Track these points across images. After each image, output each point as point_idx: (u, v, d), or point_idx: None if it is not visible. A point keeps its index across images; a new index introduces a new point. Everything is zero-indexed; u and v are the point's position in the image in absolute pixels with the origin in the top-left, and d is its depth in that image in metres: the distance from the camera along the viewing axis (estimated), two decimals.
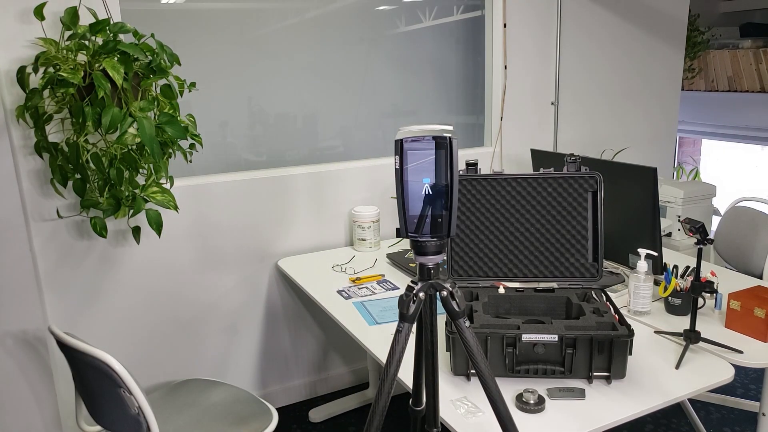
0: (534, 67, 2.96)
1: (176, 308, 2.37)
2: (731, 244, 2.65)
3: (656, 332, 1.67)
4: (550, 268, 1.64)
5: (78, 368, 1.57)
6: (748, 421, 2.47)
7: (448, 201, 1.00)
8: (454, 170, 0.99)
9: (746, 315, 1.62)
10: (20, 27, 1.90)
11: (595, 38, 3.11)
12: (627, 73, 3.27)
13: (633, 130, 3.37)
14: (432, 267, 1.05)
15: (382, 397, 1.04)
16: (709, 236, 1.53)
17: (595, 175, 1.61)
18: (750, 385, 2.72)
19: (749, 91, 4.00)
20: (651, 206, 1.86)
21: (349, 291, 2.06)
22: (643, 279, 1.73)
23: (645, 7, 3.23)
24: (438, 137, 0.98)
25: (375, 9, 2.62)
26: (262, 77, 2.44)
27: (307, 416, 2.58)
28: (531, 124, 3.02)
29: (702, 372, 1.47)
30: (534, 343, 1.41)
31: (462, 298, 1.08)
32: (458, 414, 1.33)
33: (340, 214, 2.61)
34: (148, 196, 1.86)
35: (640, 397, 1.37)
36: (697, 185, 2.96)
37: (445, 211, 1.01)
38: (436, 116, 2.85)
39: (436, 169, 0.99)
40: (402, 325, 1.04)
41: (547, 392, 1.38)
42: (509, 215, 1.66)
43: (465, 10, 2.81)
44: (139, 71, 1.73)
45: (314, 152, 2.61)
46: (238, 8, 2.34)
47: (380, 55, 2.66)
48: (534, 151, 2.31)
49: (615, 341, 1.39)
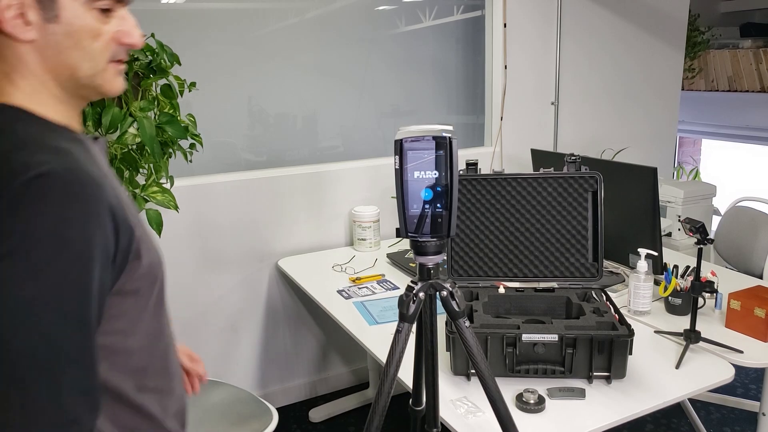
0: (534, 67, 2.96)
1: (176, 308, 2.37)
2: (731, 243, 2.65)
3: (656, 332, 1.67)
4: (550, 267, 1.64)
5: None
6: (749, 421, 2.46)
7: (448, 201, 1.00)
8: (454, 170, 0.99)
9: (746, 315, 1.62)
10: None
11: (595, 38, 3.11)
12: (627, 73, 3.27)
13: (633, 129, 3.37)
14: (432, 267, 1.05)
15: (382, 397, 1.04)
16: (710, 236, 1.53)
17: (595, 175, 1.61)
18: (750, 385, 2.72)
19: (749, 91, 4.00)
20: (651, 206, 1.86)
21: (349, 291, 2.06)
22: (644, 279, 1.73)
23: (645, 6, 3.23)
24: (438, 137, 0.98)
25: (375, 9, 2.62)
26: (262, 77, 2.44)
27: (307, 416, 2.58)
28: (531, 124, 3.02)
29: (702, 372, 1.47)
30: (534, 342, 1.41)
31: (462, 298, 1.08)
32: (458, 414, 1.33)
33: (340, 214, 2.61)
34: (148, 196, 1.86)
35: (640, 397, 1.37)
36: (697, 185, 2.96)
37: (445, 211, 1.00)
38: (436, 116, 2.85)
39: (436, 169, 0.99)
40: (402, 325, 1.04)
41: (547, 392, 1.38)
42: (509, 215, 1.66)
43: (465, 10, 2.81)
44: (139, 71, 1.73)
45: (314, 152, 2.61)
46: (238, 8, 2.34)
47: (380, 55, 2.66)
48: (534, 151, 2.31)
49: (615, 341, 1.39)
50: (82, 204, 0.67)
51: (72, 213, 0.66)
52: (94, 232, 0.68)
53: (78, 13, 0.73)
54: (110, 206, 0.70)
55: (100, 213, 0.69)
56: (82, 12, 0.74)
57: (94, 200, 0.68)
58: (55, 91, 0.77)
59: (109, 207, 0.70)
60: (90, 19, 0.75)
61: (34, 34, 0.72)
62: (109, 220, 0.70)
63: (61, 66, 0.75)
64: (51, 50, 0.74)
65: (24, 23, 0.71)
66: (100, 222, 0.69)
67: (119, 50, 0.79)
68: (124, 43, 0.79)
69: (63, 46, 0.74)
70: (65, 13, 0.73)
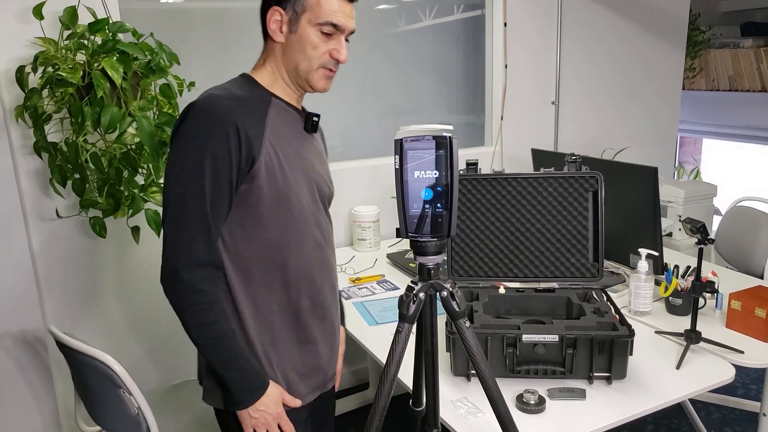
0: (534, 67, 2.96)
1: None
2: (732, 244, 2.65)
3: (657, 332, 1.67)
4: (550, 268, 1.64)
5: (77, 368, 1.56)
6: (749, 421, 2.46)
7: (448, 201, 0.99)
8: (455, 170, 0.98)
9: (747, 315, 1.62)
10: (19, 26, 1.89)
11: (595, 37, 3.10)
12: (628, 73, 3.26)
13: (634, 129, 3.37)
14: (432, 267, 1.04)
15: (382, 398, 1.04)
16: (710, 236, 1.53)
17: (595, 174, 1.60)
18: (751, 386, 2.71)
19: (750, 91, 3.99)
20: (652, 206, 1.85)
21: (349, 291, 2.06)
22: (644, 279, 1.72)
23: (646, 6, 3.22)
24: (438, 137, 0.97)
25: (375, 8, 2.62)
26: None
27: None
28: (531, 123, 3.01)
29: (703, 372, 1.47)
30: (534, 343, 1.41)
31: (462, 299, 1.07)
32: (458, 414, 1.33)
33: (340, 214, 2.60)
34: (147, 196, 1.85)
35: (640, 397, 1.37)
36: (698, 185, 2.95)
37: (446, 211, 1.00)
38: (437, 115, 2.84)
39: (437, 169, 0.99)
40: (402, 325, 1.04)
41: (548, 393, 1.38)
42: (509, 215, 1.65)
43: (465, 9, 2.80)
44: (138, 71, 1.72)
45: None
46: (238, 8, 2.34)
47: (380, 54, 2.66)
48: (534, 151, 2.31)
49: (615, 341, 1.38)
50: (208, 121, 1.09)
51: (199, 127, 1.10)
52: (211, 139, 1.08)
53: (309, 31, 1.17)
54: (237, 128, 1.09)
55: (223, 129, 1.08)
56: (311, 31, 1.17)
57: (219, 121, 1.09)
58: (284, 76, 1.22)
59: (236, 128, 1.09)
60: (314, 36, 1.17)
61: (283, 39, 1.19)
62: (234, 136, 1.09)
63: (290, 61, 1.20)
64: (288, 50, 1.19)
65: (279, 31, 1.19)
66: (222, 136, 1.08)
67: (330, 61, 1.20)
68: (333, 56, 1.19)
69: (295, 49, 1.19)
70: (301, 30, 1.17)
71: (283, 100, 1.22)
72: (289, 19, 1.17)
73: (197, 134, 1.09)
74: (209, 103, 1.10)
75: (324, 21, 1.16)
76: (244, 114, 1.12)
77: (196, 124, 1.10)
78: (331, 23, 1.16)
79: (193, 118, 1.10)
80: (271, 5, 1.18)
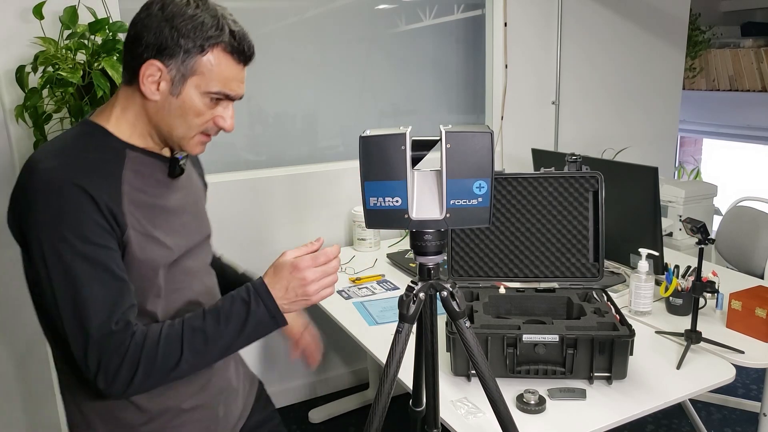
0: (535, 67, 2.95)
1: None
2: (732, 243, 2.64)
3: (657, 332, 1.67)
4: (550, 268, 1.64)
5: None
6: (749, 421, 2.46)
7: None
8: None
9: (747, 315, 1.62)
10: (19, 26, 1.89)
11: (596, 37, 3.10)
12: (628, 73, 3.26)
13: (634, 129, 3.36)
14: (432, 267, 1.04)
15: (382, 398, 1.04)
16: (711, 236, 1.53)
17: (596, 174, 1.60)
18: (751, 386, 2.71)
19: (750, 91, 3.99)
20: (652, 206, 1.85)
21: (349, 291, 2.06)
22: (644, 279, 1.72)
23: (646, 6, 3.22)
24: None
25: (375, 8, 2.62)
26: (262, 77, 2.43)
27: (307, 417, 2.58)
28: (532, 123, 3.01)
29: (703, 372, 1.47)
30: (535, 343, 1.40)
31: (462, 299, 1.07)
32: (458, 415, 1.33)
33: (340, 214, 2.60)
34: None
35: (641, 397, 1.37)
36: (698, 185, 2.95)
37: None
38: (437, 115, 2.84)
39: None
40: (402, 325, 1.04)
41: (548, 393, 1.38)
42: (509, 215, 1.65)
43: (465, 9, 2.80)
44: None
45: (314, 152, 2.60)
46: (238, 8, 2.33)
47: (380, 54, 2.65)
48: (535, 151, 2.31)
49: (616, 341, 1.38)
50: (65, 197, 0.94)
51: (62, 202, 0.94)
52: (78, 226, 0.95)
53: (194, 98, 1.01)
54: (96, 202, 0.95)
55: (82, 201, 0.94)
56: (198, 99, 1.01)
57: (75, 194, 0.94)
58: (151, 132, 1.05)
59: (95, 201, 0.95)
60: (200, 104, 1.02)
61: (158, 98, 1.01)
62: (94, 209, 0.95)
63: (163, 123, 1.03)
64: (164, 112, 1.02)
65: (156, 89, 1.00)
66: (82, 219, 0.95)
67: (212, 128, 1.06)
68: (217, 124, 1.06)
69: (174, 114, 1.02)
70: (185, 95, 1.00)
71: (140, 149, 1.05)
72: (172, 80, 0.99)
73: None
74: (56, 183, 0.93)
75: (217, 90, 1.01)
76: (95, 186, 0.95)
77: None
78: (224, 93, 1.02)
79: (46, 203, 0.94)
80: (148, 57, 0.98)
